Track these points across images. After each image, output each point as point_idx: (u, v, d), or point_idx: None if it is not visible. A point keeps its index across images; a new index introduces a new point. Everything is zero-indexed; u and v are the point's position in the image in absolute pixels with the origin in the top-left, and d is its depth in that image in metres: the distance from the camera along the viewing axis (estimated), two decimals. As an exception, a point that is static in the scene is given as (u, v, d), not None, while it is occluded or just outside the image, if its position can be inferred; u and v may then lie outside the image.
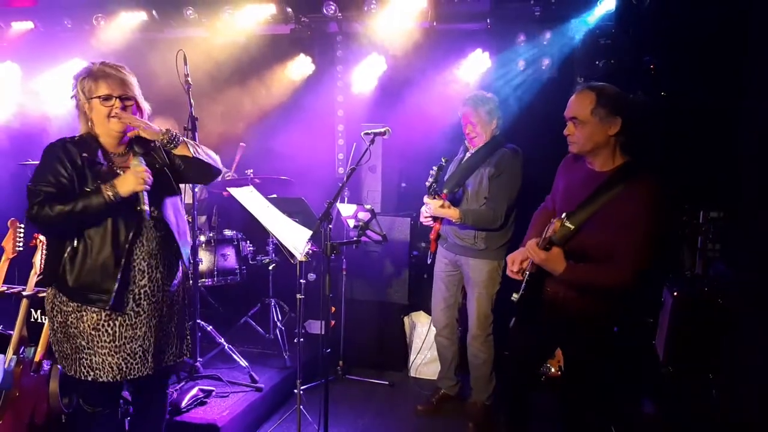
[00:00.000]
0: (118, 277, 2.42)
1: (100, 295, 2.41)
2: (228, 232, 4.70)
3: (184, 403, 3.49)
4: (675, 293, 3.57)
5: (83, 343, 2.45)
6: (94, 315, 2.44)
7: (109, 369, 2.45)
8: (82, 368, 2.46)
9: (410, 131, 3.94)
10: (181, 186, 4.93)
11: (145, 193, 2.38)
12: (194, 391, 3.63)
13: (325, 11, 4.88)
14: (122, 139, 2.54)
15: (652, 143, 4.14)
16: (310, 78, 5.50)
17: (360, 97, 5.35)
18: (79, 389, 2.62)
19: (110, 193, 2.34)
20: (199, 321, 4.04)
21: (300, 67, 5.46)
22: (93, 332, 2.44)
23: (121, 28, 5.37)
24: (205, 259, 4.49)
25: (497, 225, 3.65)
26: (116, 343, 2.46)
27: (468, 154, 3.84)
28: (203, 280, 4.50)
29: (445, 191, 3.70)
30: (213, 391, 3.76)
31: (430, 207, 3.64)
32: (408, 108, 4.56)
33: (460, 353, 4.07)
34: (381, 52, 5.12)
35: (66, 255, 2.42)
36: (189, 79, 3.77)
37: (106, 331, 2.45)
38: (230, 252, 4.63)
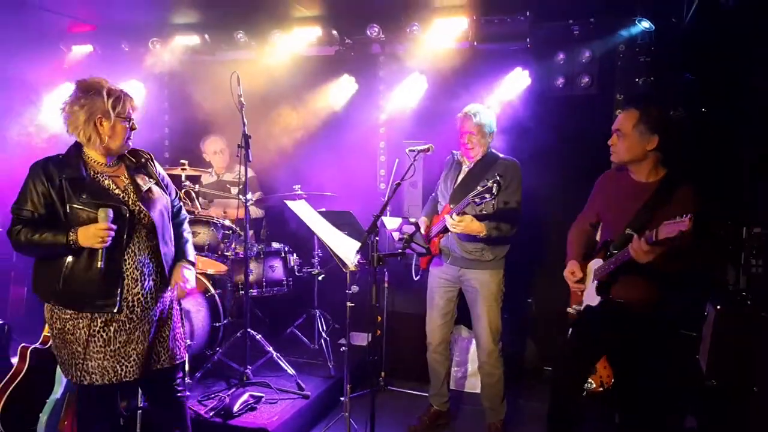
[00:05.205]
0: (121, 282, 2.57)
1: (106, 300, 2.55)
2: (276, 245, 4.83)
3: (235, 408, 3.64)
4: (718, 307, 3.58)
5: (79, 348, 2.56)
6: (90, 322, 2.55)
7: (104, 372, 2.57)
8: (78, 372, 2.57)
9: (450, 148, 4.03)
10: (234, 201, 5.11)
11: (104, 250, 2.49)
12: (245, 396, 3.78)
13: (368, 33, 5.05)
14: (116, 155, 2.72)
15: (692, 158, 4.17)
16: (353, 97, 5.64)
17: (401, 115, 5.46)
18: (78, 395, 2.77)
19: (73, 239, 2.48)
20: (249, 330, 4.18)
21: (344, 86, 5.60)
22: (89, 338, 2.55)
23: (175, 51, 5.59)
24: (254, 271, 4.63)
25: (513, 234, 3.66)
26: (111, 347, 2.57)
27: (465, 168, 3.82)
28: (252, 290, 4.65)
29: (451, 206, 3.65)
30: (263, 397, 3.90)
31: (461, 224, 3.47)
32: (448, 125, 4.67)
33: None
34: (422, 71, 5.24)
35: (65, 270, 2.55)
36: (242, 99, 3.96)
37: (101, 336, 2.56)
38: (278, 264, 4.75)
